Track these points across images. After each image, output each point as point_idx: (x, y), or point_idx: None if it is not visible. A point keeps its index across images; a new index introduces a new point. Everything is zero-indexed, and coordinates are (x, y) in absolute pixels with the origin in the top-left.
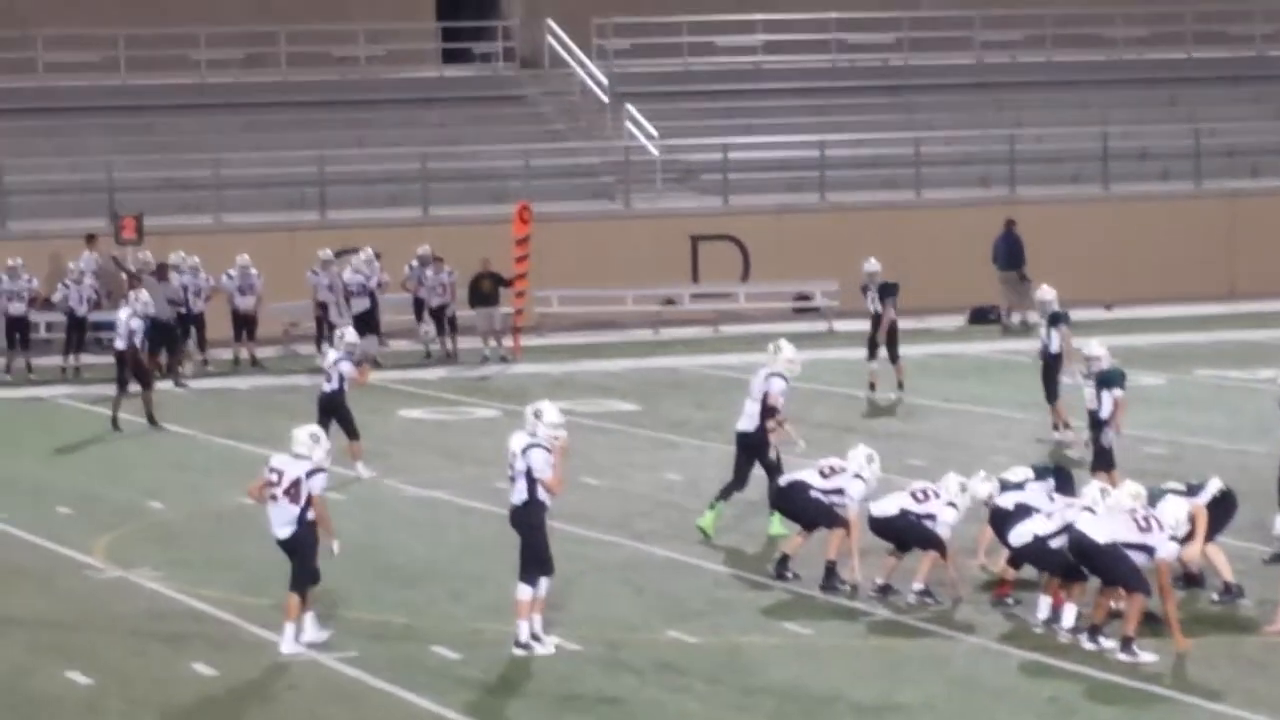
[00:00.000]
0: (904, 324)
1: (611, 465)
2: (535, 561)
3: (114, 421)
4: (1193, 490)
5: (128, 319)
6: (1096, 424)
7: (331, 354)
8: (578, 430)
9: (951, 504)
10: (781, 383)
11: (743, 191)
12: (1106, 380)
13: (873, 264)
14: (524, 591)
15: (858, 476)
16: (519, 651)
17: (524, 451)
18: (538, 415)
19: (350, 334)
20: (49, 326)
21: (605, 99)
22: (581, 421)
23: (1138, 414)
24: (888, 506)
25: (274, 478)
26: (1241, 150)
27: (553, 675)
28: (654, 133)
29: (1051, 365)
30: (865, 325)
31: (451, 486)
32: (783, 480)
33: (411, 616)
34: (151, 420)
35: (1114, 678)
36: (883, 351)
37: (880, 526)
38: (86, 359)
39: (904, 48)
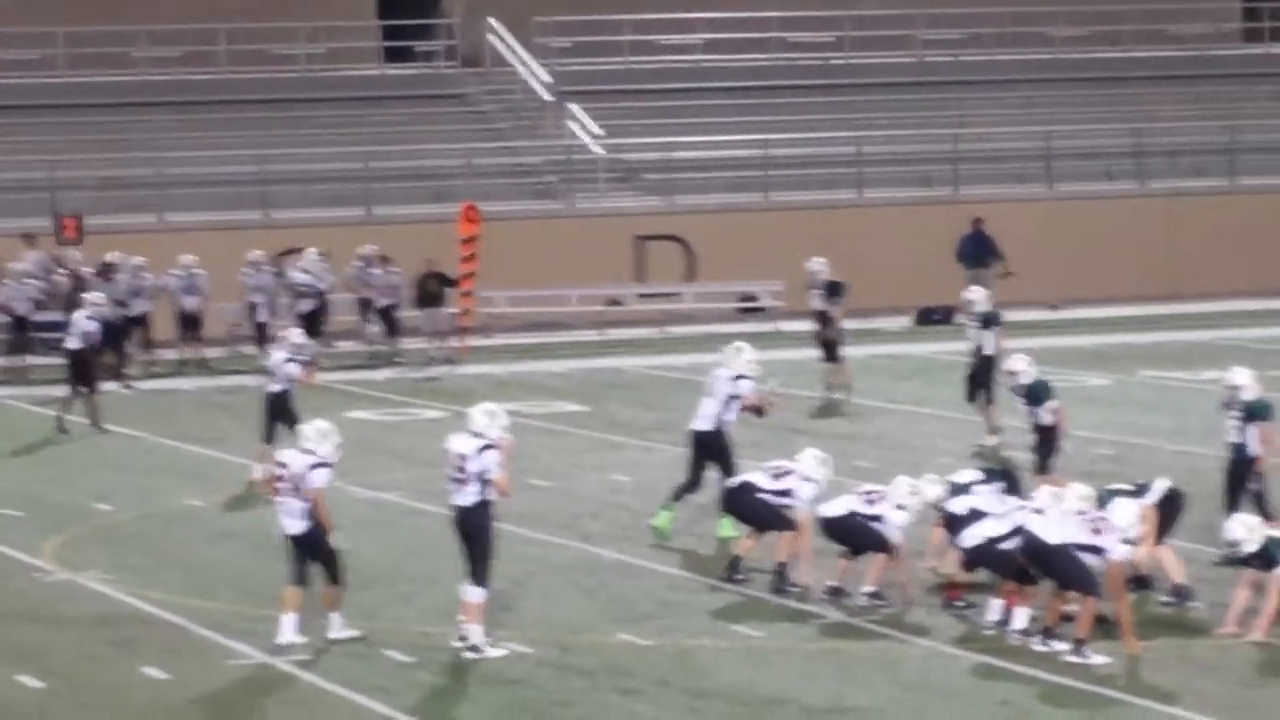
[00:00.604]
0: (849, 324)
1: (559, 466)
2: (483, 566)
3: (59, 423)
4: (1140, 490)
5: (82, 320)
6: (1041, 434)
7: (277, 354)
8: (524, 431)
9: (901, 506)
10: (752, 382)
11: (686, 191)
12: (1035, 396)
13: (817, 263)
14: (473, 594)
15: (807, 479)
16: (470, 654)
17: (479, 452)
18: (492, 416)
19: (296, 334)
20: (7, 327)
21: (547, 98)
22: (528, 423)
23: (1083, 415)
24: (836, 508)
25: (281, 472)
26: (1184, 150)
27: (503, 678)
28: (597, 131)
29: (985, 368)
30: (811, 325)
31: (400, 488)
32: (732, 482)
33: (362, 619)
34: (95, 423)
35: (1066, 680)
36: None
37: (830, 528)
38: (32, 360)
39: (845, 46)
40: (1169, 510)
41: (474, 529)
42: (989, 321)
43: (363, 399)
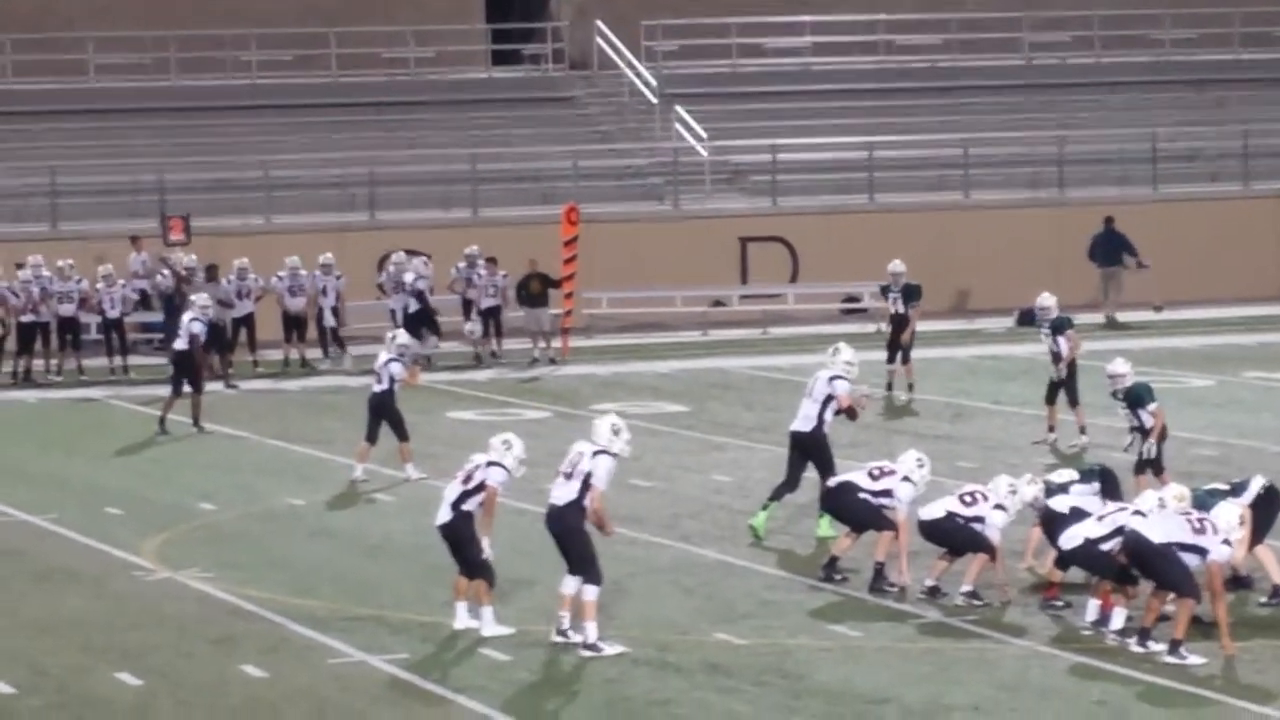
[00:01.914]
0: (952, 325)
1: (660, 467)
2: (588, 564)
3: (162, 423)
4: (1236, 489)
5: (189, 321)
6: (1142, 434)
7: (382, 355)
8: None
9: (1000, 506)
10: (847, 384)
11: (791, 193)
12: (1136, 399)
13: (898, 265)
14: (588, 592)
15: (906, 479)
16: (587, 653)
17: (594, 455)
18: (616, 431)
19: (402, 335)
20: (99, 328)
21: (654, 100)
22: (630, 423)
23: (1187, 416)
24: (935, 510)
25: (470, 466)
26: None
27: (601, 677)
28: (703, 134)
29: (1068, 370)
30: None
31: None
32: (832, 481)
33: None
34: (197, 423)
35: (1163, 680)
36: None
37: (928, 530)
38: (135, 360)
39: (952, 49)
40: (1266, 509)
41: (563, 527)
42: (1061, 327)
43: (465, 399)
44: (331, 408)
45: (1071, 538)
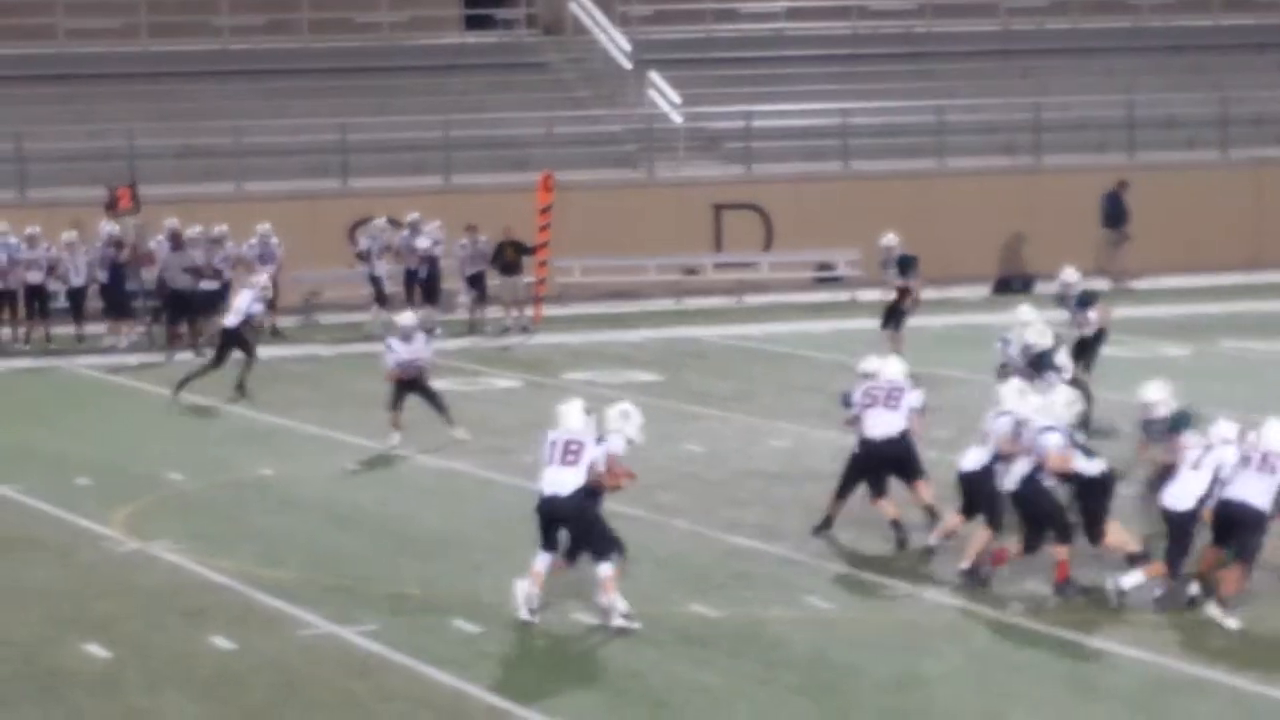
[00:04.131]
0: (927, 294)
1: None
2: (609, 542)
3: (181, 385)
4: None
5: (251, 303)
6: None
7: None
8: (599, 400)
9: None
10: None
11: (765, 160)
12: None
13: (890, 238)
14: (603, 568)
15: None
16: (623, 622)
17: (597, 442)
18: (625, 416)
19: (406, 316)
20: (67, 295)
21: (628, 66)
22: (603, 392)
23: None
24: (971, 460)
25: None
26: (1268, 119)
27: (574, 648)
28: (677, 100)
29: (1091, 343)
30: (888, 295)
31: (471, 458)
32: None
33: (431, 589)
34: (241, 388)
35: (1135, 653)
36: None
37: (963, 481)
38: (92, 329)
39: (927, 14)
40: None
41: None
42: (1087, 301)
43: (437, 368)
44: (302, 377)
45: (1181, 498)
